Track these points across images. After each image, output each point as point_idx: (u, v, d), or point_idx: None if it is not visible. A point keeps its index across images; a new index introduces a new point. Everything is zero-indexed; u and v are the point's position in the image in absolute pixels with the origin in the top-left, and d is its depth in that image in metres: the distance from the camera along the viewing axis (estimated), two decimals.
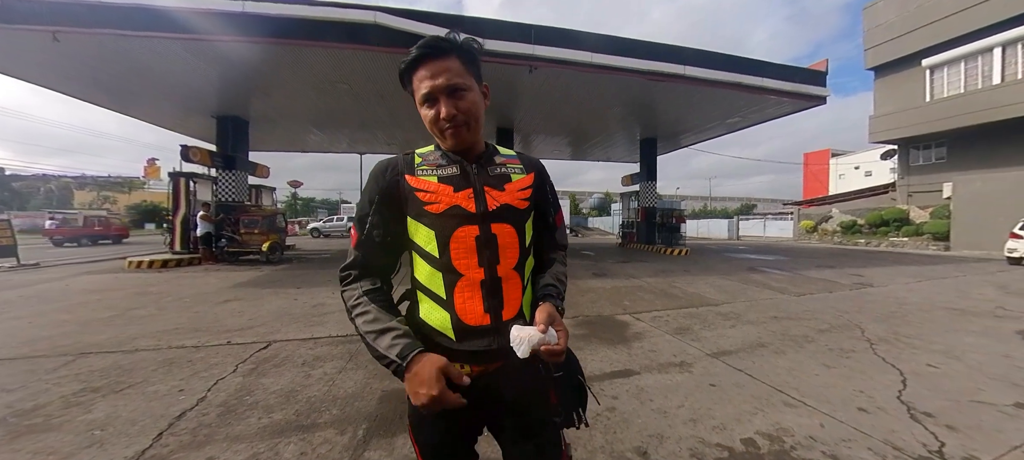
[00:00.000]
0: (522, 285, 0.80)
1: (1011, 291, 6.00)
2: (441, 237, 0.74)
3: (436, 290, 0.76)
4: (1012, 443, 1.90)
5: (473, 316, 0.74)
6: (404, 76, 0.78)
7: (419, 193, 0.75)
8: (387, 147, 15.75)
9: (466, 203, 0.75)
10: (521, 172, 0.84)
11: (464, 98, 0.74)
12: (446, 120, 0.73)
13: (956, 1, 14.28)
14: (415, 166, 0.79)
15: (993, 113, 13.31)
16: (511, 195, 0.80)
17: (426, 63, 0.73)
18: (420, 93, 0.75)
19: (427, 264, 0.76)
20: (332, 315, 4.26)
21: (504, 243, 0.77)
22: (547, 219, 0.90)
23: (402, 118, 11.18)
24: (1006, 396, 2.41)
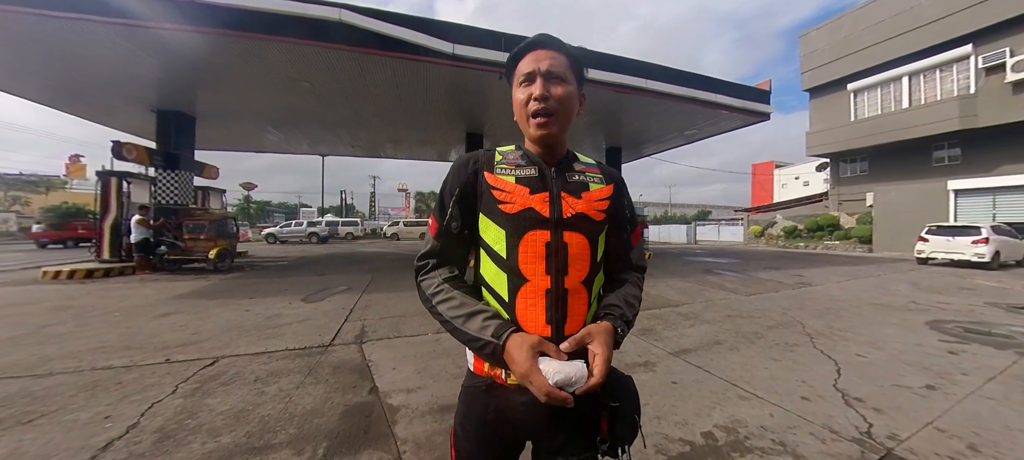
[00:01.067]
0: (589, 301, 0.76)
1: (921, 287, 6.87)
2: (511, 238, 0.73)
3: (499, 291, 0.74)
4: (925, 420, 2.16)
5: (534, 325, 0.71)
6: (511, 64, 0.79)
7: (495, 191, 0.75)
8: (350, 149, 15.16)
9: (540, 207, 0.73)
10: (600, 182, 0.81)
11: (561, 87, 0.73)
12: (538, 100, 0.72)
13: (873, 35, 16.31)
14: (495, 163, 0.78)
15: (902, 133, 15.28)
16: (588, 204, 0.77)
17: (536, 51, 0.75)
18: (521, 74, 0.75)
19: (493, 263, 0.75)
20: (289, 327, 4.00)
21: (575, 253, 0.74)
22: (622, 234, 0.85)
23: (367, 118, 10.82)
24: (919, 379, 2.74)
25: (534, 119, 0.73)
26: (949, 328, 4.13)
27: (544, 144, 0.77)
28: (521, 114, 0.76)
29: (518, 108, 0.76)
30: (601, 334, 0.70)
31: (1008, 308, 5.23)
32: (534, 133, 0.75)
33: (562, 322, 0.72)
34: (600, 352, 0.67)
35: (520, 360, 0.64)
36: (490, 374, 0.74)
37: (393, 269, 9.13)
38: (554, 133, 0.75)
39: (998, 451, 1.88)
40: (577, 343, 0.69)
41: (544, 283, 0.71)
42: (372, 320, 4.30)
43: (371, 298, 5.54)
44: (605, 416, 0.72)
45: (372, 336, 3.70)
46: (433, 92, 8.73)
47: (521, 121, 0.77)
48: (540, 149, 0.78)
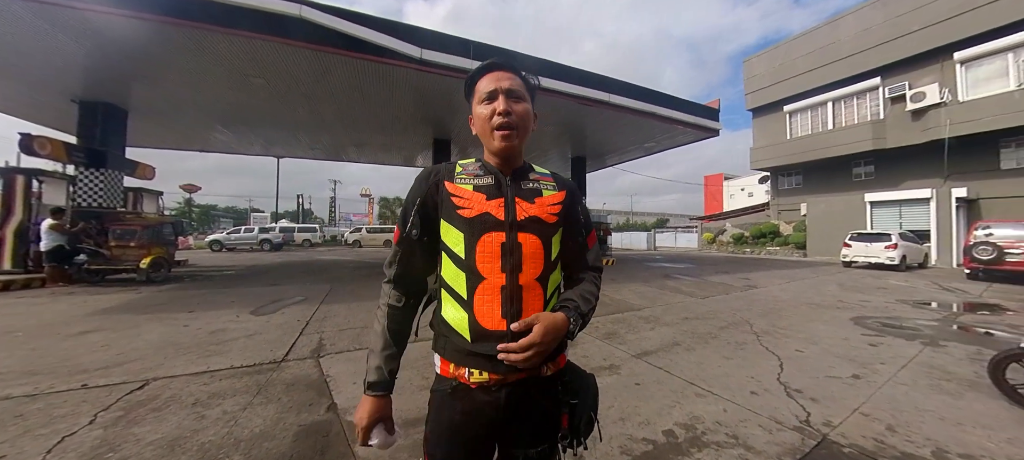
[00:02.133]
0: (544, 297, 0.81)
1: (846, 287, 7.71)
2: (469, 240, 0.78)
3: (459, 290, 0.79)
4: (852, 407, 2.41)
5: (490, 319, 0.76)
6: (470, 84, 0.86)
7: (454, 198, 0.81)
8: (310, 151, 14.39)
9: (496, 211, 0.80)
10: (553, 189, 0.89)
11: (520, 104, 0.82)
12: (501, 115, 0.79)
13: (804, 64, 18.34)
14: (455, 174, 0.84)
15: (828, 151, 17.23)
16: (540, 208, 0.83)
17: (496, 71, 0.83)
18: (482, 92, 0.82)
19: (453, 264, 0.80)
20: (236, 342, 3.66)
21: (529, 252, 0.80)
22: (578, 238, 0.92)
23: (329, 120, 10.34)
24: (847, 370, 3.05)
25: (499, 132, 0.80)
26: (869, 323, 4.66)
27: (504, 155, 0.83)
28: (484, 128, 0.82)
29: (481, 123, 0.82)
30: (547, 318, 0.76)
31: (914, 304, 6.02)
32: (497, 145, 0.81)
33: (517, 316, 0.76)
34: (537, 328, 0.74)
35: (360, 414, 0.80)
36: (455, 375, 0.78)
37: (355, 278, 8.70)
38: (514, 145, 0.82)
39: (910, 430, 2.13)
40: (526, 325, 0.74)
41: (499, 280, 0.77)
42: (331, 332, 4.06)
43: (330, 309, 5.23)
44: (565, 412, 0.80)
45: (331, 349, 3.49)
46: (399, 96, 8.54)
47: (484, 135, 0.83)
48: (499, 161, 0.85)
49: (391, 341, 0.85)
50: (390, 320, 0.85)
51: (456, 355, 0.78)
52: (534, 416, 0.80)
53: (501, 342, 0.74)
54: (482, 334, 0.76)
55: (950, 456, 1.90)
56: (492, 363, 0.75)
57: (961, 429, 2.15)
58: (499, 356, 0.73)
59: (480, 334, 0.76)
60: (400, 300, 0.86)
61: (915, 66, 14.73)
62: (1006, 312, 5.57)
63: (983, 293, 7.36)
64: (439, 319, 0.83)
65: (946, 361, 3.29)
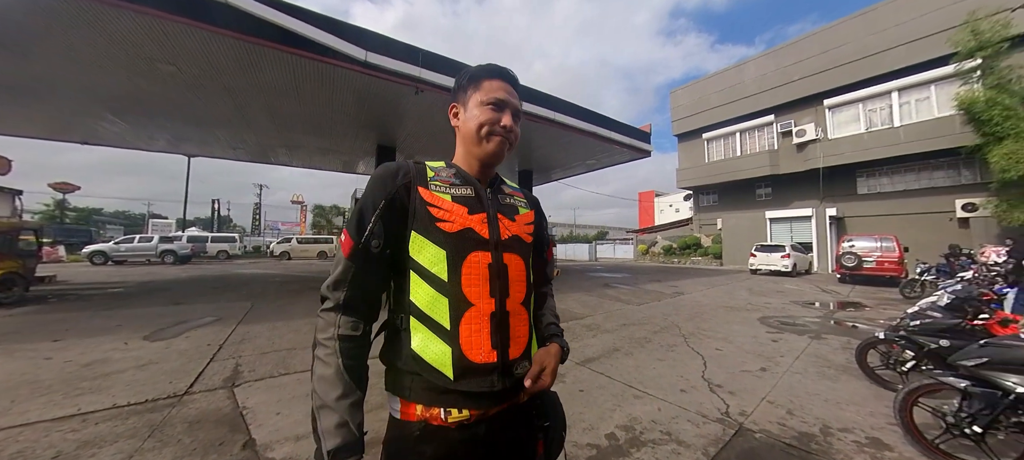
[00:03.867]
0: (528, 321, 0.78)
1: (754, 292, 8.89)
2: (453, 259, 0.69)
3: (439, 318, 0.68)
4: (761, 396, 2.75)
5: (479, 351, 0.68)
6: (474, 78, 0.77)
7: (432, 208, 0.70)
8: (231, 151, 12.77)
9: (479, 228, 0.72)
10: (526, 206, 0.86)
11: (518, 125, 0.78)
12: (505, 129, 0.75)
13: (718, 99, 21.21)
14: (428, 179, 0.74)
15: (737, 174, 19.99)
16: (519, 226, 0.79)
17: (507, 83, 0.77)
18: (490, 95, 0.75)
19: (431, 287, 0.68)
20: (121, 375, 3.03)
21: (514, 275, 0.75)
22: (541, 252, 0.90)
23: (256, 119, 9.31)
24: (756, 364, 3.49)
25: (495, 137, 0.75)
26: (772, 322, 5.42)
27: (489, 163, 0.78)
28: (477, 129, 0.75)
29: (475, 123, 0.74)
30: (552, 359, 0.76)
31: (803, 304, 7.15)
32: (493, 149, 0.75)
33: (506, 345, 0.71)
34: (548, 370, 0.74)
35: None
36: (424, 416, 0.67)
37: (281, 293, 7.81)
38: (502, 157, 0.78)
39: (804, 412, 2.50)
40: (534, 375, 0.72)
41: (489, 307, 0.69)
42: (250, 356, 3.57)
43: (249, 330, 4.61)
44: (541, 438, 0.78)
45: (249, 377, 3.06)
46: (341, 98, 8.03)
47: (473, 135, 0.75)
48: (478, 168, 0.78)
49: (352, 384, 0.65)
50: (346, 356, 0.65)
51: (427, 395, 0.67)
52: (512, 447, 0.74)
53: (490, 376, 0.68)
54: (469, 369, 0.66)
55: (832, 430, 2.26)
56: (475, 399, 0.67)
57: (839, 407, 2.58)
58: (526, 383, 0.71)
59: (467, 370, 0.66)
60: (357, 327, 0.68)
61: (798, 108, 17.87)
62: (865, 308, 6.89)
63: (850, 293, 9.02)
64: (405, 354, 0.68)
65: (826, 351, 3.95)
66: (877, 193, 15.96)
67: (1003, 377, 1.70)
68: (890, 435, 2.20)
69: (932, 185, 14.52)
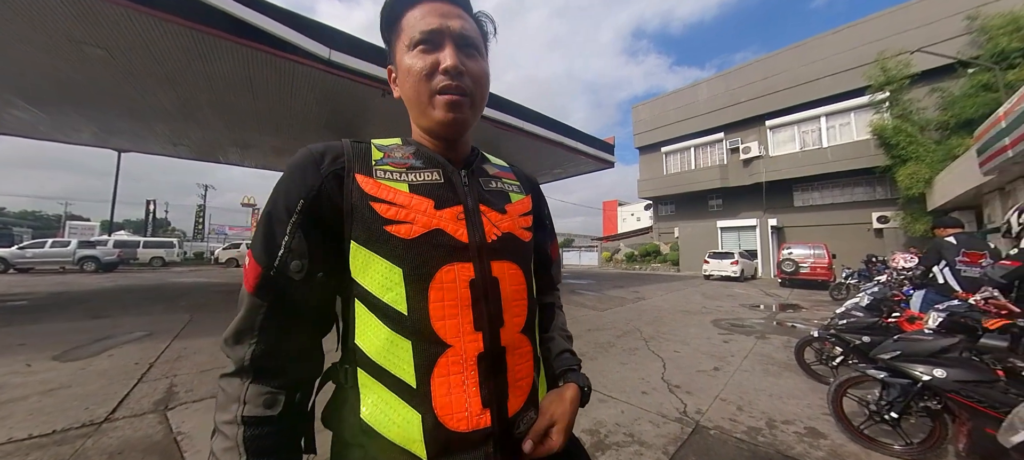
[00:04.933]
0: (533, 354, 0.54)
1: (708, 296, 9.50)
2: (415, 279, 0.46)
3: (398, 371, 0.45)
4: (714, 394, 2.92)
5: (464, 416, 0.46)
6: (393, 15, 0.52)
7: (378, 204, 0.47)
8: (172, 148, 11.65)
9: (453, 227, 0.49)
10: (520, 190, 0.61)
11: (477, 62, 0.52)
12: (449, 73, 0.49)
13: (675, 115, 22.67)
14: (372, 162, 0.50)
15: (692, 186, 21.41)
16: (512, 221, 0.55)
17: (436, 1, 0.51)
18: (417, 30, 0.49)
19: (384, 325, 0.46)
20: (21, 403, 2.61)
21: (509, 292, 0.51)
22: (544, 249, 0.66)
23: (202, 113, 8.57)
24: (710, 364, 3.72)
25: (442, 96, 0.50)
26: (723, 324, 5.80)
27: (449, 136, 0.54)
28: (419, 90, 0.51)
29: (414, 81, 0.51)
30: (566, 415, 0.52)
31: (750, 307, 7.74)
32: (441, 117, 0.51)
33: (504, 398, 0.49)
34: (558, 427, 0.52)
35: None
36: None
37: (227, 304, 7.17)
38: (466, 121, 0.53)
39: (752, 408, 2.68)
40: (539, 435, 0.50)
41: (474, 345, 0.47)
42: (187, 375, 3.22)
43: (188, 345, 4.17)
44: None
45: (185, 398, 2.76)
46: (301, 96, 7.62)
47: (418, 98, 0.52)
48: (440, 144, 0.55)
49: None
50: (252, 450, 0.42)
51: None
52: None
53: (482, 447, 0.46)
54: (451, 444, 0.45)
55: (777, 423, 2.45)
56: None
57: (782, 401, 2.81)
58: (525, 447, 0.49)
59: (447, 444, 0.45)
60: (274, 402, 0.45)
61: (744, 127, 19.56)
62: (802, 309, 7.59)
63: (789, 296, 9.91)
64: (353, 425, 0.48)
65: (770, 350, 4.29)
66: (810, 205, 17.78)
67: (912, 367, 1.94)
68: (825, 424, 2.42)
69: (854, 199, 16.42)
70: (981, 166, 6.85)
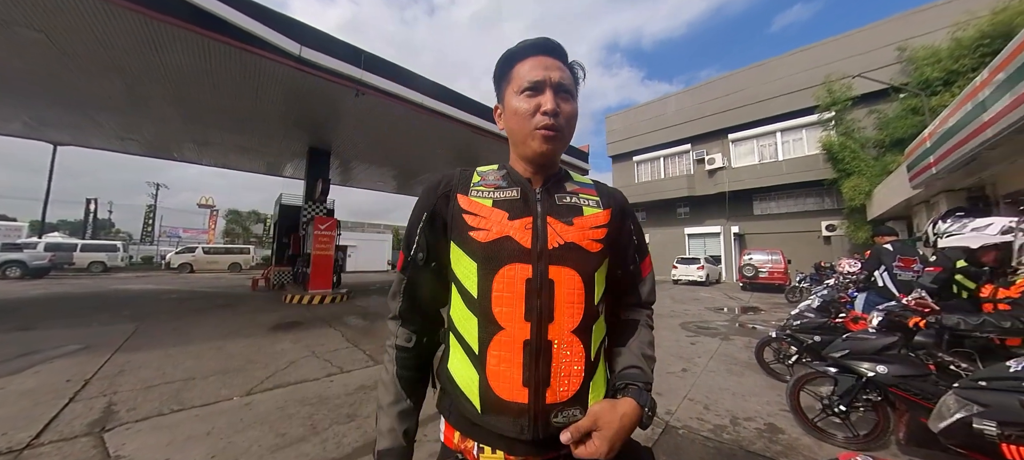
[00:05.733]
0: (585, 357, 0.60)
1: (676, 300, 9.88)
2: (483, 273, 0.60)
3: (469, 339, 0.62)
4: (683, 395, 3.03)
5: (506, 386, 0.57)
6: (506, 66, 0.67)
7: (467, 215, 0.64)
8: (118, 142, 10.72)
9: (520, 235, 0.61)
10: (597, 206, 0.68)
11: (569, 104, 0.65)
12: (548, 114, 0.62)
13: (645, 127, 23.63)
14: (471, 185, 0.68)
15: (661, 194, 22.33)
16: (580, 232, 0.64)
17: (544, 57, 0.64)
18: (524, 80, 0.63)
19: (464, 304, 0.63)
20: None
21: (564, 293, 0.60)
22: (628, 266, 0.71)
23: (155, 106, 7.95)
24: (678, 365, 3.86)
25: (541, 132, 0.62)
26: (691, 327, 6.05)
27: (541, 163, 0.67)
28: (522, 127, 0.64)
29: (518, 119, 0.64)
30: (613, 424, 0.55)
31: (715, 310, 8.13)
32: (538, 148, 0.63)
33: (544, 384, 0.57)
34: (598, 438, 0.54)
35: None
36: (460, 447, 0.62)
37: (178, 313, 6.63)
38: (557, 151, 0.65)
39: (718, 406, 2.81)
40: (579, 432, 0.54)
41: (522, 332, 0.58)
42: (129, 391, 2.93)
43: (132, 359, 3.81)
44: None
45: (127, 417, 2.50)
46: (268, 93, 7.26)
47: (519, 134, 0.65)
48: (532, 169, 0.68)
49: (403, 392, 0.67)
50: (400, 365, 0.68)
51: (463, 423, 0.61)
52: None
53: (519, 419, 0.56)
54: (495, 404, 0.57)
55: (740, 420, 2.58)
56: (508, 443, 0.57)
57: (744, 399, 2.96)
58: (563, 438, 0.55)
59: (493, 404, 0.58)
60: (410, 339, 0.69)
61: (709, 140, 20.68)
62: (762, 311, 8.07)
63: (750, 299, 10.51)
64: (445, 372, 0.65)
65: (733, 350, 4.52)
66: (768, 214, 19.01)
67: (858, 364, 2.11)
68: (783, 420, 2.58)
69: (806, 209, 17.73)
70: (911, 181, 7.63)
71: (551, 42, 0.66)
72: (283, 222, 12.33)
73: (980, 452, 1.18)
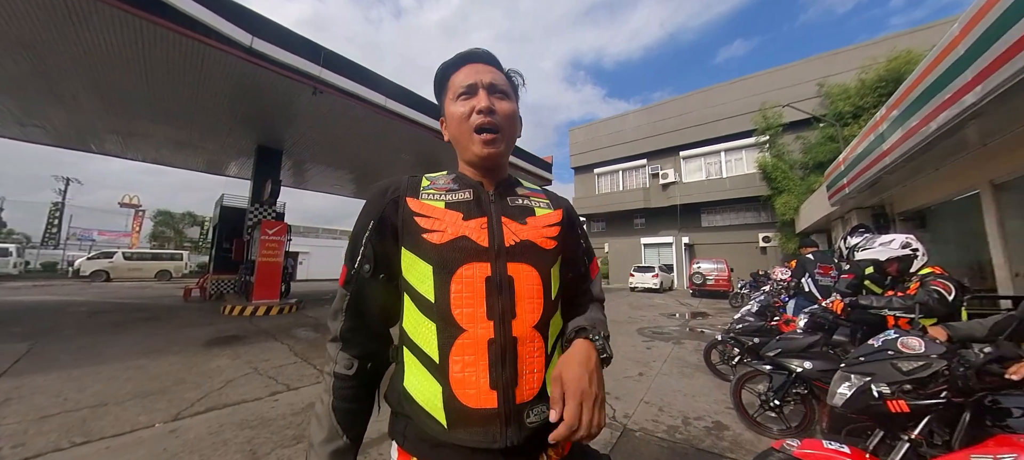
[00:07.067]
0: (546, 352, 0.60)
1: (633, 306, 10.35)
2: (440, 275, 0.58)
3: (426, 348, 0.57)
4: (639, 398, 3.16)
5: (473, 392, 0.54)
6: (442, 79, 0.69)
7: (419, 218, 0.61)
8: (19, 129, 9.23)
9: (477, 234, 0.60)
10: (548, 207, 0.70)
11: (505, 102, 0.66)
12: (483, 112, 0.63)
13: (606, 141, 24.81)
14: (420, 188, 0.66)
15: (619, 205, 23.48)
16: (534, 230, 0.65)
17: (474, 64, 0.67)
18: (458, 87, 0.66)
19: (419, 310, 0.59)
20: None
21: (524, 289, 0.59)
22: (579, 268, 0.74)
23: (70, 91, 6.95)
24: (635, 370, 4.02)
25: (479, 135, 0.64)
26: (646, 332, 6.35)
27: (486, 166, 0.67)
28: (461, 130, 0.66)
29: (456, 123, 0.66)
30: (576, 369, 0.53)
31: (668, 316, 8.61)
32: (479, 151, 0.64)
33: (512, 384, 0.55)
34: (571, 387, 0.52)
35: None
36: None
37: (88, 329, 5.76)
38: (500, 153, 0.66)
39: (671, 408, 2.96)
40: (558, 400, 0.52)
41: (485, 332, 0.56)
42: (17, 423, 2.47)
43: (23, 383, 3.22)
44: None
45: (11, 456, 2.10)
46: (213, 84, 6.65)
47: (462, 138, 0.66)
48: (479, 172, 0.69)
49: (338, 428, 0.59)
50: (337, 396, 0.61)
51: (422, 447, 0.56)
52: None
53: (490, 426, 0.53)
54: (463, 416, 0.54)
55: (691, 420, 2.73)
56: (478, 457, 0.54)
57: (694, 400, 3.15)
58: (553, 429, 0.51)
59: (461, 416, 0.54)
60: (351, 365, 0.62)
61: (663, 156, 22.16)
62: (709, 316, 8.69)
63: (699, 305, 11.27)
64: (399, 392, 0.60)
65: (684, 353, 4.81)
66: (714, 226, 20.65)
67: (789, 361, 2.34)
68: (728, 417, 2.77)
69: (746, 222, 19.50)
70: (829, 199, 8.71)
71: (482, 50, 0.69)
72: (224, 226, 11.26)
73: (872, 416, 1.39)
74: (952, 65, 3.31)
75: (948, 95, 3.38)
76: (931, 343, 1.39)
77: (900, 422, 1.31)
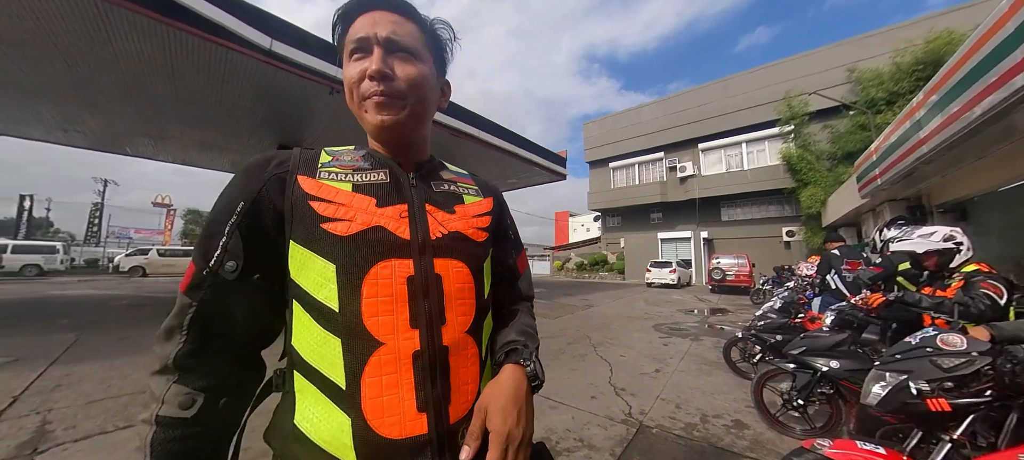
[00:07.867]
0: (480, 358, 0.52)
1: (649, 302, 10.18)
2: (348, 276, 0.45)
3: (328, 371, 0.44)
4: (656, 395, 3.11)
5: (395, 419, 0.44)
6: (340, 30, 0.53)
7: (316, 203, 0.47)
8: (61, 133, 9.80)
9: (395, 225, 0.49)
10: (477, 194, 0.61)
11: (411, 64, 0.51)
12: (374, 77, 0.48)
13: (622, 134, 24.34)
14: (318, 165, 0.52)
15: (636, 200, 23.04)
16: (464, 221, 0.55)
17: (371, 11, 0.50)
18: (352, 42, 0.51)
19: (317, 323, 0.45)
20: None
21: (453, 290, 0.50)
22: (508, 261, 0.64)
23: (104, 97, 7.33)
24: (651, 367, 3.96)
25: (370, 100, 0.50)
26: (663, 328, 6.25)
27: (392, 142, 0.55)
28: (353, 96, 0.53)
29: (347, 87, 0.53)
30: (501, 398, 0.47)
31: (685, 312, 8.44)
32: (372, 120, 0.51)
33: (445, 402, 0.47)
34: (496, 427, 0.45)
35: None
36: None
37: (127, 321, 6.13)
38: (401, 122, 0.52)
39: (689, 405, 2.90)
40: (477, 436, 0.45)
41: (409, 343, 0.46)
42: (68, 408, 2.67)
43: (71, 371, 3.47)
44: None
45: (63, 437, 2.27)
46: (234, 87, 6.89)
47: (353, 105, 0.54)
48: (389, 149, 0.56)
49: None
50: (162, 449, 0.41)
51: None
52: None
53: (417, 458, 0.44)
54: (382, 451, 0.43)
55: (709, 418, 2.68)
56: None
57: (713, 397, 3.08)
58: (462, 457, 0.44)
59: (378, 451, 0.43)
60: (191, 403, 0.43)
61: (680, 149, 21.58)
62: (729, 313, 8.46)
63: (718, 301, 10.99)
64: (285, 432, 0.47)
65: (703, 350, 4.70)
66: (734, 220, 20.02)
67: (814, 360, 2.25)
68: (748, 416, 2.70)
69: (768, 215, 18.81)
70: (859, 191, 8.28)
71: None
72: None
73: (910, 415, 1.32)
74: (1000, 44, 3.06)
75: (995, 77, 3.14)
76: (973, 341, 1.31)
77: (940, 422, 1.24)
